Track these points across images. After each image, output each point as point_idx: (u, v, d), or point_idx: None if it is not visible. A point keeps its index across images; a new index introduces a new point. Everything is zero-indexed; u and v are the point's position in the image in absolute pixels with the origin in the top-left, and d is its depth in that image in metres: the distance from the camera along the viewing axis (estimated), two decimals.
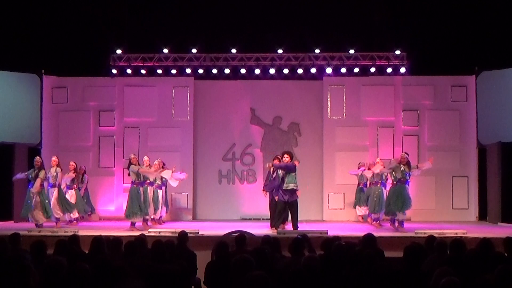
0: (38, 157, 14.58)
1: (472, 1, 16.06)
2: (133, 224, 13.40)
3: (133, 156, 13.95)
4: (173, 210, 16.83)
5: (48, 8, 16.35)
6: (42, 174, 13.89)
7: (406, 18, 16.25)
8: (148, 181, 14.02)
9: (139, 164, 13.89)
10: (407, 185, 13.26)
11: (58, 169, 14.30)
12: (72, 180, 15.04)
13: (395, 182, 13.35)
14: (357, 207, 15.72)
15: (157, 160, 14.75)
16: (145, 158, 14.61)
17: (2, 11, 16.02)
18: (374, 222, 14.72)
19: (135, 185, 13.59)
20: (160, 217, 15.25)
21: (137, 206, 13.36)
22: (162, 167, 14.82)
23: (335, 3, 16.18)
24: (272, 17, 16.26)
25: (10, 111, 16.39)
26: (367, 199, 15.03)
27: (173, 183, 15.14)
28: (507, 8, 15.57)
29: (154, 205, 14.33)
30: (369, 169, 14.97)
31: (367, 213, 15.25)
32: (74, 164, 15.04)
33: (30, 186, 14.01)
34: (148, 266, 6.40)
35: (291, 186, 13.09)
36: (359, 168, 15.55)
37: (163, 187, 15.18)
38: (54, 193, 14.25)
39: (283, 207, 13.24)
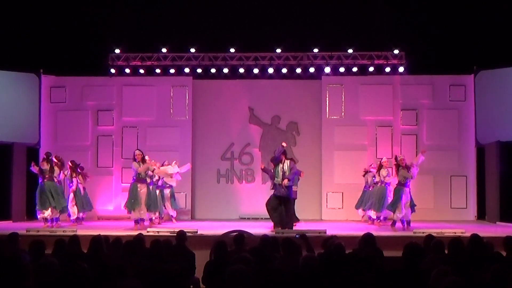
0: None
1: (470, 0, 16.06)
2: (137, 222, 13.36)
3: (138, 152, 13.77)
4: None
5: (46, 7, 16.34)
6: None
7: (405, 17, 16.26)
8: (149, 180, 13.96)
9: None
10: (405, 188, 13.30)
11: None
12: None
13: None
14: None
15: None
16: (147, 157, 14.40)
17: (1, 10, 16.01)
18: (376, 221, 14.70)
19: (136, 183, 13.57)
20: (162, 217, 15.18)
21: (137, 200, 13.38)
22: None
23: (333, 2, 16.18)
24: (271, 17, 16.27)
25: (8, 111, 16.38)
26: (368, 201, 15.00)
27: (174, 179, 15.28)
28: (505, 8, 15.57)
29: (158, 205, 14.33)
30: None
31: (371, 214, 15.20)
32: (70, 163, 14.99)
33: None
34: (147, 266, 6.40)
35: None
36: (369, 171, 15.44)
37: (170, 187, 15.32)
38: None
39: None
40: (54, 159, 14.11)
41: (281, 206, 12.85)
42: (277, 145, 17.10)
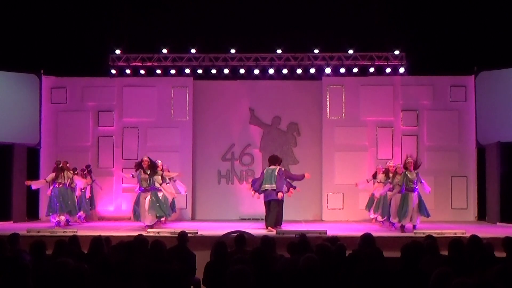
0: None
1: (471, 1, 16.06)
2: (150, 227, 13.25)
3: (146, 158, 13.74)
4: None
5: (47, 8, 16.35)
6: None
7: (405, 18, 16.26)
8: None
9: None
10: (414, 193, 13.10)
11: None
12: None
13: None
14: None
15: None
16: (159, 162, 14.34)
17: (2, 11, 16.02)
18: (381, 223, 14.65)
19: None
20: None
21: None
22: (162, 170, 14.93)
23: (334, 3, 16.18)
24: (271, 17, 16.26)
25: (9, 111, 16.39)
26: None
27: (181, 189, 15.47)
28: (506, 8, 15.58)
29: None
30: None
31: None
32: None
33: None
34: (148, 266, 6.40)
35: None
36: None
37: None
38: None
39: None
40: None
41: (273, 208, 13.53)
42: (278, 145, 17.26)
